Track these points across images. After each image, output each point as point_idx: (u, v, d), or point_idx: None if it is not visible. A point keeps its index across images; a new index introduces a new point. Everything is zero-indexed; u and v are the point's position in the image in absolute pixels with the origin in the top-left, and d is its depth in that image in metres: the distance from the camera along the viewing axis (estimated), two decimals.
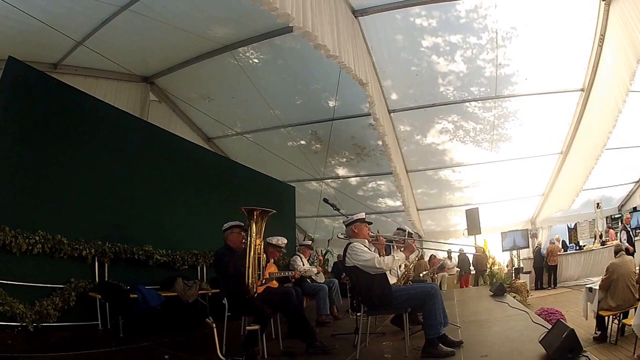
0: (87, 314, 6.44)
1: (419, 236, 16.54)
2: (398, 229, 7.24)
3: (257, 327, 5.08)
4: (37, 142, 6.40)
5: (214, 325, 5.04)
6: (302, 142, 12.66)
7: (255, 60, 9.64)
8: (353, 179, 14.76)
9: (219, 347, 4.99)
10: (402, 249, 5.38)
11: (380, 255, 5.29)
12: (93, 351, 5.56)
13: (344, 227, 5.48)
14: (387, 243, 6.06)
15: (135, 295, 6.68)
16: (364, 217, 5.37)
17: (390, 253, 5.73)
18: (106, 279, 6.95)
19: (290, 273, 7.05)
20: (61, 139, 6.77)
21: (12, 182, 6.04)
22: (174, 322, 7.15)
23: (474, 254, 15.64)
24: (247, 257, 5.12)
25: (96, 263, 6.85)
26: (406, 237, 6.65)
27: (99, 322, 6.46)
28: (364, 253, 4.99)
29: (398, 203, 14.37)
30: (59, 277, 6.32)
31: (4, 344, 5.18)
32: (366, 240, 5.31)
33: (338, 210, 5.98)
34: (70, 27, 7.29)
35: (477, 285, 14.96)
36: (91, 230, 6.89)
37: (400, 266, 6.76)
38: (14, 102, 6.19)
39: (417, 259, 8.18)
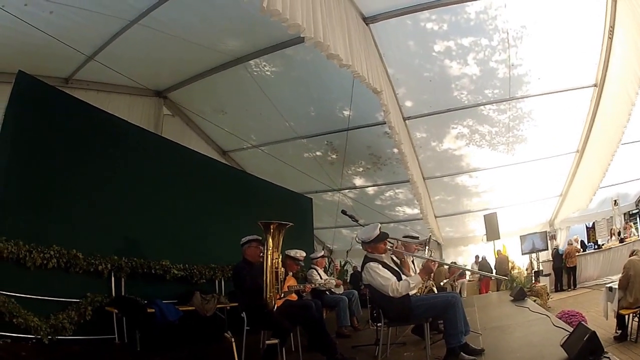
0: (104, 327, 6.44)
1: (438, 243, 16.47)
2: (404, 236, 7.13)
3: (276, 341, 5.05)
4: (50, 156, 6.44)
5: (233, 339, 5.00)
6: (318, 153, 12.59)
7: (268, 72, 9.61)
8: (370, 188, 14.64)
9: None
10: (417, 271, 5.27)
11: (402, 261, 5.25)
12: None
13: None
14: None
15: (153, 310, 6.66)
16: (378, 234, 5.18)
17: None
18: (123, 294, 6.94)
19: (301, 287, 6.98)
20: (75, 153, 6.80)
21: (26, 196, 6.06)
22: (192, 336, 7.11)
23: (495, 259, 15.57)
24: (264, 271, 5.11)
25: (112, 278, 6.85)
26: (427, 243, 6.57)
27: (116, 335, 6.45)
28: (378, 277, 4.91)
29: (416, 211, 14.22)
30: (74, 292, 6.32)
31: (17, 355, 5.20)
32: (383, 255, 5.19)
33: (357, 221, 5.93)
34: (81, 42, 7.27)
35: (499, 290, 14.76)
36: (107, 245, 6.90)
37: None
38: (25, 117, 6.20)
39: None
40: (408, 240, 6.62)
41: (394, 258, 5.50)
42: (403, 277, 5.06)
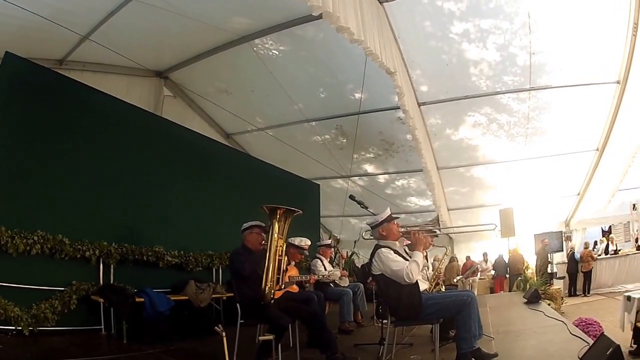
0: (90, 318, 6.22)
1: (450, 238, 16.04)
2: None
3: (271, 337, 4.64)
4: (36, 137, 6.19)
5: (224, 333, 4.58)
6: (327, 137, 12.29)
7: (275, 52, 9.28)
8: (381, 176, 14.34)
9: (229, 357, 4.53)
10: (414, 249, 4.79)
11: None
12: (92, 358, 5.30)
13: (370, 228, 4.94)
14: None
15: (142, 299, 6.36)
16: (390, 214, 4.80)
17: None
18: (112, 282, 6.60)
19: (305, 277, 6.58)
20: (63, 135, 6.52)
21: (10, 180, 5.81)
22: (184, 328, 6.79)
23: (509, 258, 15.14)
24: (267, 258, 4.71)
25: (101, 265, 6.53)
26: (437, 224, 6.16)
27: (102, 326, 6.21)
28: (390, 262, 4.45)
29: (428, 202, 14.04)
30: (59, 280, 6.04)
31: None
32: (396, 243, 4.76)
33: (366, 208, 5.52)
34: (74, 21, 6.98)
35: (511, 291, 14.31)
36: (96, 230, 6.60)
37: (428, 268, 6.39)
38: (12, 98, 5.98)
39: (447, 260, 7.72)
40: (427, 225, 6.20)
41: (407, 250, 5.04)
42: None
